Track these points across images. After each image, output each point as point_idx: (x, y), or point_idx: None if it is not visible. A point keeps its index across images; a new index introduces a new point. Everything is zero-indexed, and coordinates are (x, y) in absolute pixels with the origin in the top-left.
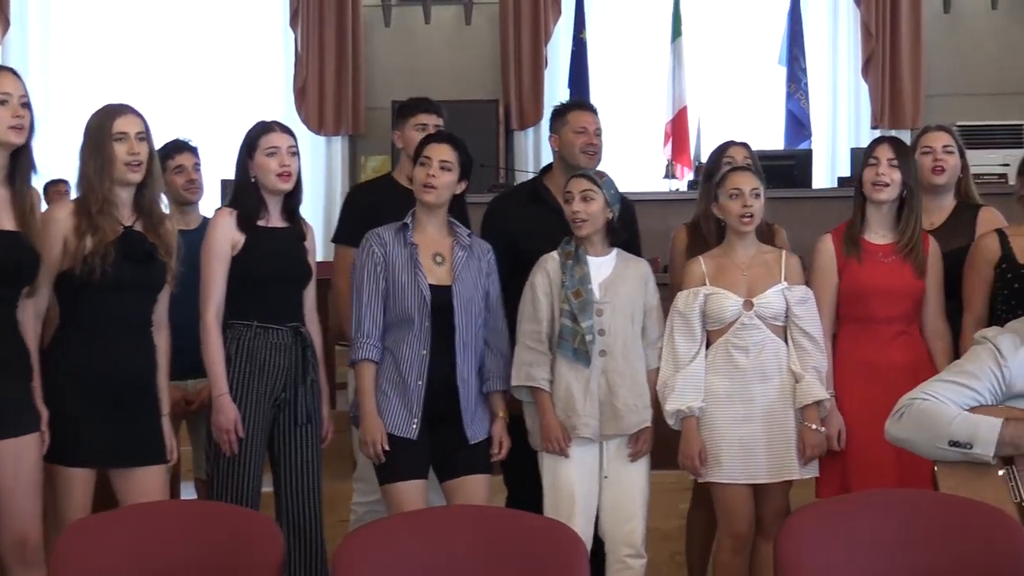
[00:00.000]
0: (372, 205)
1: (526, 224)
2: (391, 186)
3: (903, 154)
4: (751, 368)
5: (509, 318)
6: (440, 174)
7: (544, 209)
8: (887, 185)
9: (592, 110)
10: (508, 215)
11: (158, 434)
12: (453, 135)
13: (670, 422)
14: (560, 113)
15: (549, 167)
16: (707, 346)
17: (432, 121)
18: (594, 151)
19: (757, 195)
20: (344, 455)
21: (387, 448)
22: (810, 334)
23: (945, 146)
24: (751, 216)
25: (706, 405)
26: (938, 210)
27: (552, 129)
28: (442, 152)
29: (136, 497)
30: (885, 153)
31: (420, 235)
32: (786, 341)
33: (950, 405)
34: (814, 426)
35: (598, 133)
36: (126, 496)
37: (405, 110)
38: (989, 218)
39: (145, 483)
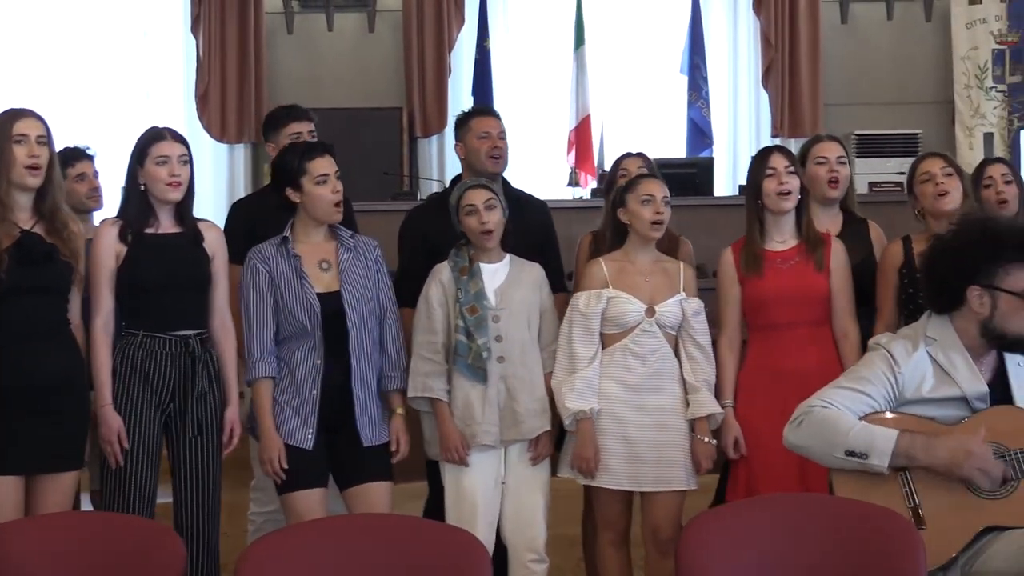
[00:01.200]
0: (253, 220)
1: (441, 235)
2: (270, 198)
3: (794, 160)
4: (645, 376)
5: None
6: (339, 184)
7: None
8: (790, 193)
9: (494, 114)
10: (423, 227)
11: (76, 440)
12: (325, 143)
13: (566, 423)
14: (463, 121)
15: (459, 177)
16: (604, 349)
17: (305, 128)
18: (499, 155)
19: (667, 203)
20: (246, 464)
21: (285, 466)
22: (703, 346)
23: (839, 157)
24: (662, 223)
25: (604, 414)
26: (831, 221)
27: (457, 138)
28: (331, 164)
29: (47, 504)
30: (781, 162)
31: (302, 245)
32: (676, 352)
33: (847, 414)
34: (706, 439)
35: (502, 136)
36: (37, 502)
37: (276, 120)
38: (878, 229)
39: (58, 491)
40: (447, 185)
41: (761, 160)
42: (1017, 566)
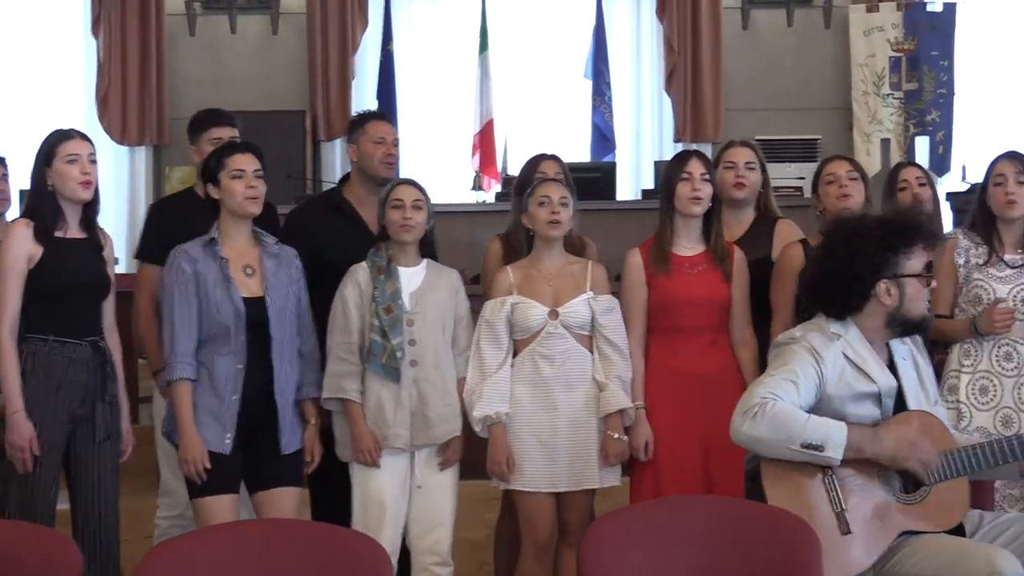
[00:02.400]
0: (176, 220)
1: (328, 235)
2: (194, 200)
3: (710, 168)
4: (556, 377)
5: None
6: (259, 183)
7: (344, 220)
8: (701, 199)
9: (390, 120)
10: (308, 226)
11: None
12: (246, 141)
13: (477, 429)
14: (357, 124)
15: (347, 177)
16: (515, 355)
17: (228, 134)
18: (393, 161)
19: (565, 204)
20: (148, 470)
21: (208, 467)
22: (615, 343)
23: (748, 162)
24: (558, 223)
25: (512, 414)
26: (737, 223)
27: (350, 139)
28: (252, 161)
29: None
30: (698, 168)
31: (228, 248)
32: (592, 351)
33: (797, 407)
34: (616, 435)
35: (396, 143)
36: None
37: (199, 124)
38: (786, 229)
39: None
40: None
41: (679, 163)
42: (930, 568)
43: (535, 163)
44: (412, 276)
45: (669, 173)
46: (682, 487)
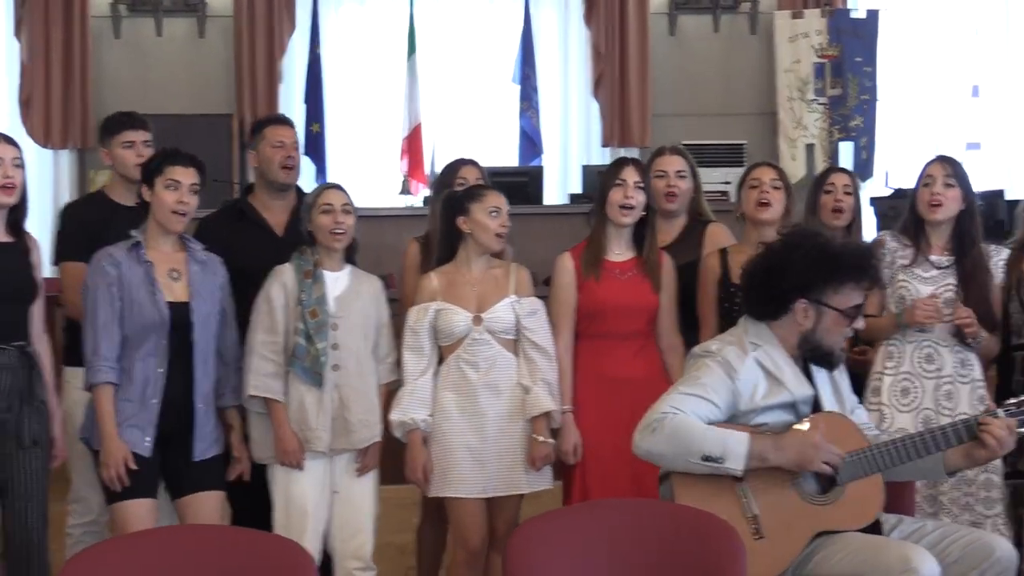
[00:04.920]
0: (91, 222)
1: (235, 241)
2: (106, 203)
3: (646, 176)
4: (481, 383)
5: None
6: (191, 199)
7: (251, 226)
8: (632, 208)
9: (289, 124)
10: (218, 234)
11: None
12: (192, 155)
13: (396, 434)
14: (257, 129)
15: (252, 187)
16: (442, 361)
17: (141, 137)
18: (292, 164)
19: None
20: (60, 475)
21: (133, 467)
22: (540, 346)
23: (678, 171)
24: (506, 235)
25: (438, 420)
26: (669, 228)
27: (250, 146)
28: (191, 176)
29: None
30: (631, 176)
31: (154, 251)
32: (517, 355)
33: (698, 420)
34: (541, 438)
35: (296, 147)
36: None
37: (111, 127)
38: (716, 232)
39: None
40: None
41: (614, 169)
42: (848, 567)
43: (455, 168)
44: (336, 281)
45: (605, 179)
46: (610, 491)
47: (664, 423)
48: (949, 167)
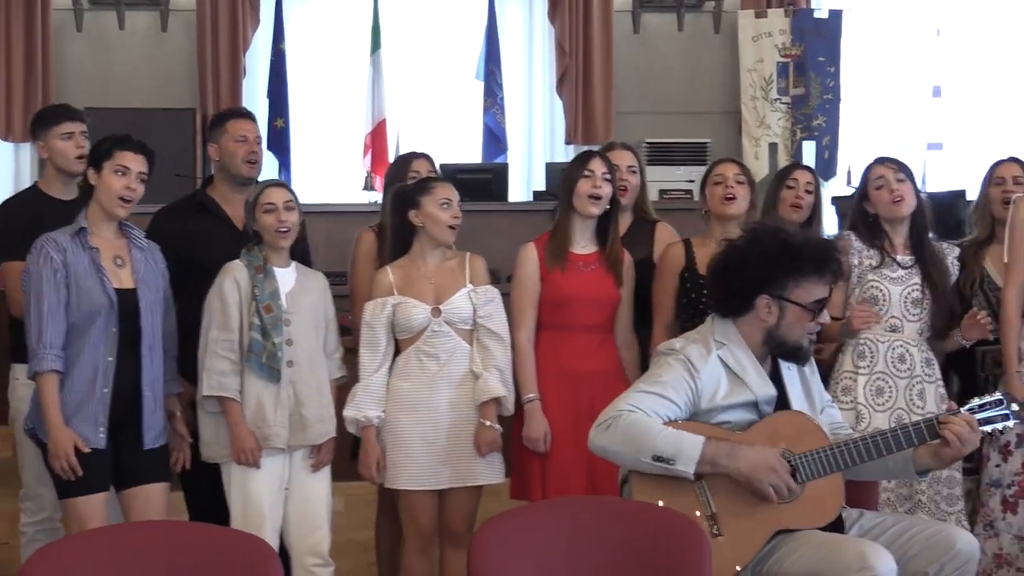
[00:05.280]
0: (25, 218)
1: (196, 235)
2: (40, 198)
3: (612, 169)
4: (440, 375)
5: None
6: (139, 187)
7: (211, 219)
8: (600, 198)
9: (251, 118)
10: (176, 226)
11: None
12: (143, 142)
13: (350, 429)
14: (219, 122)
15: (211, 179)
16: (399, 352)
17: (79, 128)
18: (255, 159)
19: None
20: (13, 470)
21: (86, 450)
22: (495, 332)
23: (629, 166)
24: (458, 227)
25: (393, 412)
26: (620, 224)
27: (211, 138)
28: (141, 163)
29: None
30: (599, 167)
31: (98, 238)
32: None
33: (655, 419)
34: (488, 423)
35: (258, 141)
36: None
37: (48, 119)
38: (667, 232)
39: None
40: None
41: (581, 161)
42: (806, 565)
43: (407, 162)
44: (285, 277)
45: (571, 171)
46: (566, 485)
47: (619, 420)
48: (894, 165)
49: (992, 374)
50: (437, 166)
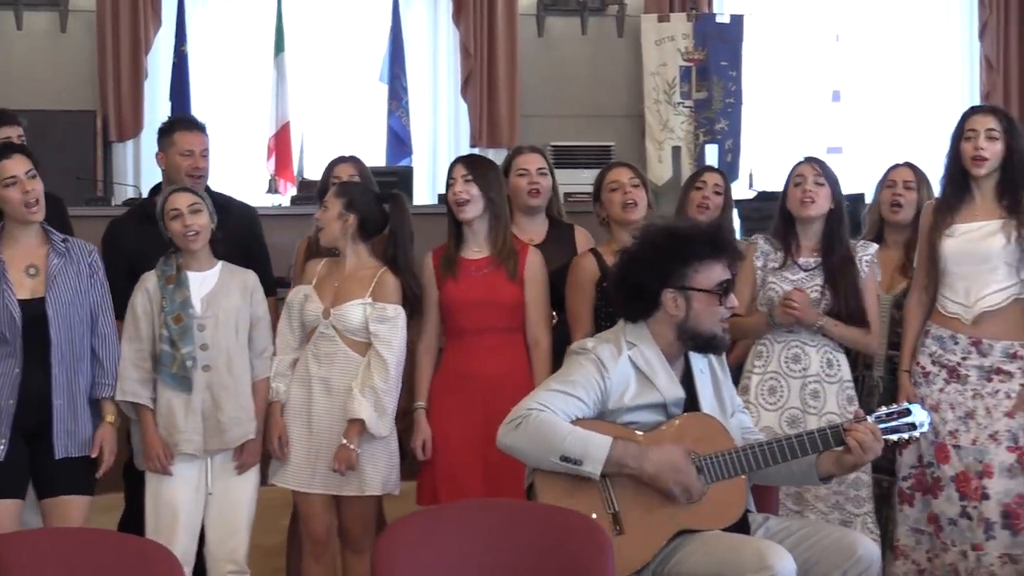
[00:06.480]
0: None
1: (143, 246)
2: None
3: (476, 170)
4: (319, 379)
5: None
6: (34, 184)
7: (157, 229)
8: (460, 203)
9: (201, 129)
10: (126, 236)
11: None
12: (12, 143)
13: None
14: (167, 132)
15: (159, 187)
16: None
17: (14, 133)
18: (199, 174)
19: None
20: None
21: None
22: (380, 354)
23: (539, 168)
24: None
25: (286, 408)
26: (534, 228)
27: (159, 147)
28: (23, 164)
29: None
30: (459, 171)
31: (10, 248)
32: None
33: (564, 419)
34: (344, 441)
35: (205, 155)
36: None
37: None
38: (584, 235)
39: None
40: (142, 191)
41: (450, 168)
42: (706, 565)
43: (330, 167)
44: (204, 280)
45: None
46: (461, 489)
47: (529, 420)
48: (818, 167)
49: (862, 375)
50: (364, 170)
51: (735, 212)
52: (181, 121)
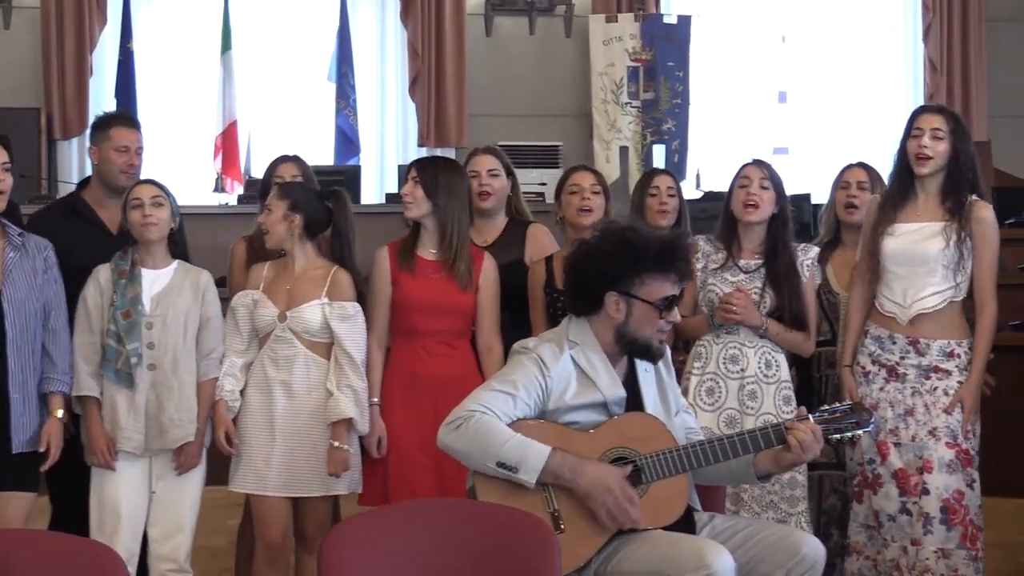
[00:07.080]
0: None
1: (68, 239)
2: None
3: (426, 174)
4: (278, 382)
5: None
6: (5, 176)
7: (85, 223)
8: (408, 204)
9: (135, 126)
10: (50, 230)
11: None
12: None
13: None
14: (102, 126)
15: (87, 180)
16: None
17: None
18: (133, 171)
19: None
20: None
21: None
22: (348, 353)
23: (490, 170)
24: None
25: (242, 414)
26: (490, 228)
27: (92, 140)
28: (1, 155)
29: None
30: (411, 172)
31: None
32: (328, 358)
33: (505, 423)
34: (336, 443)
35: (139, 152)
36: None
37: None
38: (537, 232)
39: None
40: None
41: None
42: (646, 564)
43: (273, 166)
44: (157, 278)
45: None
46: (411, 488)
47: (470, 422)
48: (764, 170)
49: (825, 375)
50: (305, 169)
51: None
52: (118, 117)
